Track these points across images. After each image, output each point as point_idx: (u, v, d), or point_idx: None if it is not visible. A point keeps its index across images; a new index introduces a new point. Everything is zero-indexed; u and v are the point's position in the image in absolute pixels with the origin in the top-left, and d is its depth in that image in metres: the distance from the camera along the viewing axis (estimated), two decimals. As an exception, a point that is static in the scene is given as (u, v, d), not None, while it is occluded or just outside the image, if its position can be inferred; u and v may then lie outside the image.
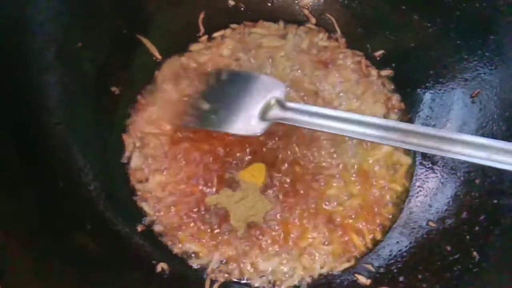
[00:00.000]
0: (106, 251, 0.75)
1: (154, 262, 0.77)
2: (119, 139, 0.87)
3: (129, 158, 0.86)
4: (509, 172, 0.76)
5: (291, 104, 0.76)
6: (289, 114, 0.74)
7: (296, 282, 0.80)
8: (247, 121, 0.77)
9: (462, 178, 0.82)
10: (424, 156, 0.87)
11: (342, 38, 0.96)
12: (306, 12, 0.98)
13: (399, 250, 0.81)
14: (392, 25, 0.87)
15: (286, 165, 0.85)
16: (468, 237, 0.76)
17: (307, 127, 0.72)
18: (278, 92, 0.78)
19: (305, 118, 0.72)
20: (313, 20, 0.98)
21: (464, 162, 0.81)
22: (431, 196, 0.84)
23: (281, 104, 0.76)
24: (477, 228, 0.75)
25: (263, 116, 0.76)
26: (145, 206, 0.83)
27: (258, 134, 0.76)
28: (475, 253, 0.73)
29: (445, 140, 0.61)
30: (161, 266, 0.77)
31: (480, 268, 0.72)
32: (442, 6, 0.83)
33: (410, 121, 0.90)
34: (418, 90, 0.89)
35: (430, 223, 0.81)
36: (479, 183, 0.79)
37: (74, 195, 0.77)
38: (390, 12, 0.87)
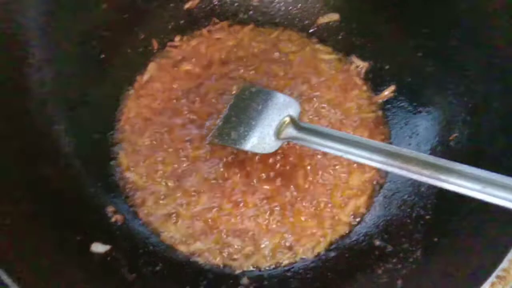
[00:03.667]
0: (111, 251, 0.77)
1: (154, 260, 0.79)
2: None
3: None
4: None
5: (305, 124, 0.76)
6: (302, 134, 0.74)
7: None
8: (262, 139, 0.77)
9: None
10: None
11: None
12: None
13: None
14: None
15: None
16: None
17: (318, 148, 0.72)
18: (293, 110, 0.77)
19: (317, 140, 0.72)
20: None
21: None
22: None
23: (295, 123, 0.76)
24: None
25: (277, 134, 0.77)
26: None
27: (271, 152, 0.77)
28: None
29: (443, 169, 0.60)
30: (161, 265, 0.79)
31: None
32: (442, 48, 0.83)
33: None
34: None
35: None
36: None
37: (76, 201, 0.79)
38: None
